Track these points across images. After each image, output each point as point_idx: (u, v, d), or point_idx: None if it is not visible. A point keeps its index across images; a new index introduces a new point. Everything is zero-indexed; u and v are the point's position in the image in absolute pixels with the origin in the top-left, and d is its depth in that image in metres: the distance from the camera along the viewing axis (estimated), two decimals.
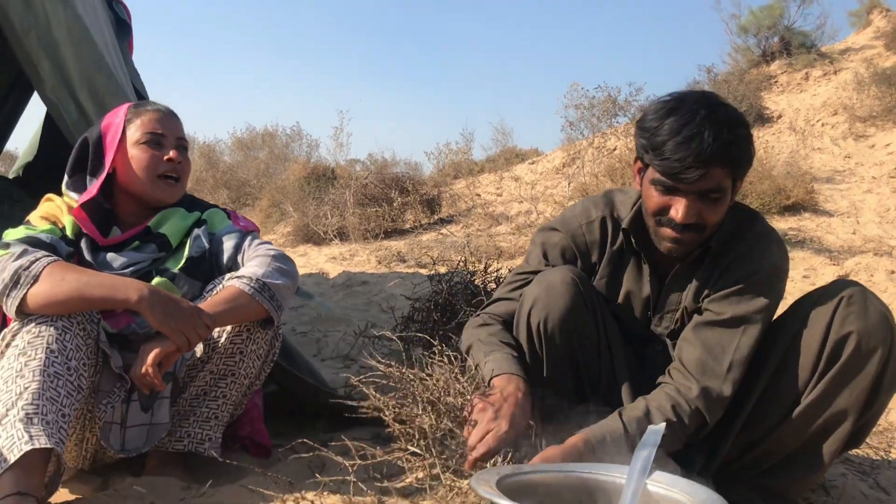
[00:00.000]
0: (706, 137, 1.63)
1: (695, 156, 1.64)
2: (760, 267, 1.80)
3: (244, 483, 1.99)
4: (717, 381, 1.75)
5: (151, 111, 2.12)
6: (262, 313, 1.98)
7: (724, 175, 1.68)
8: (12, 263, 1.83)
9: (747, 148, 1.72)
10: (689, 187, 1.69)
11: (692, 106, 1.68)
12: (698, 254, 1.85)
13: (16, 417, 1.68)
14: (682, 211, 1.71)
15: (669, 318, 1.91)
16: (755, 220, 1.89)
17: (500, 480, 1.16)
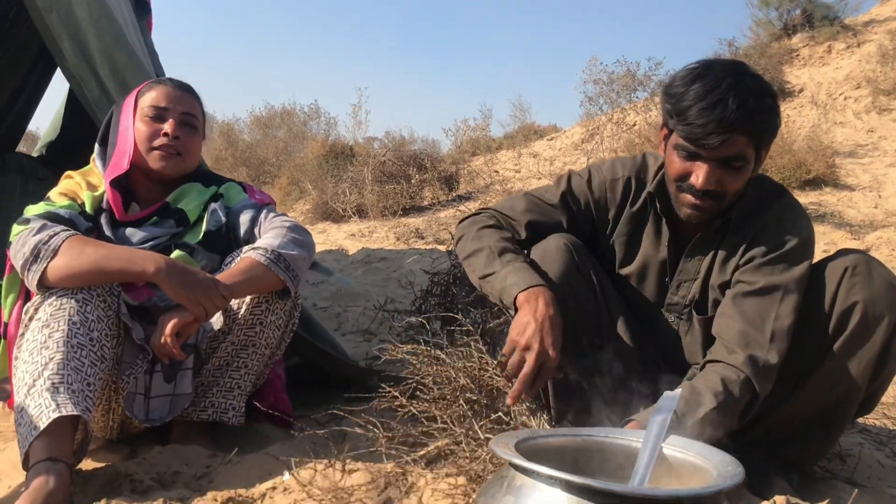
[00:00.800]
0: (730, 104, 1.63)
1: (718, 121, 1.64)
2: (791, 237, 1.79)
3: (268, 451, 2.04)
4: (761, 350, 1.72)
5: (162, 87, 2.15)
6: (279, 284, 2.01)
7: (746, 143, 1.68)
8: (32, 238, 1.87)
9: (772, 118, 1.71)
10: (710, 153, 1.69)
11: (719, 73, 1.68)
12: (719, 224, 1.85)
13: (42, 387, 1.73)
14: (703, 177, 1.71)
15: (686, 288, 1.91)
16: (783, 193, 1.88)
17: (518, 444, 1.18)
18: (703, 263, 1.88)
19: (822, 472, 2.04)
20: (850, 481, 1.94)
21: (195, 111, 2.18)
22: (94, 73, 2.38)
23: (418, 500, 1.83)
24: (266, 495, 1.79)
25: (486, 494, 1.14)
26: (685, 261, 1.91)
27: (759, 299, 1.76)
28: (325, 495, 1.78)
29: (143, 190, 2.17)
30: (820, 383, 1.80)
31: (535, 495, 1.07)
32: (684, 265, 1.91)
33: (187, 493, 1.79)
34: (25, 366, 1.79)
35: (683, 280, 1.91)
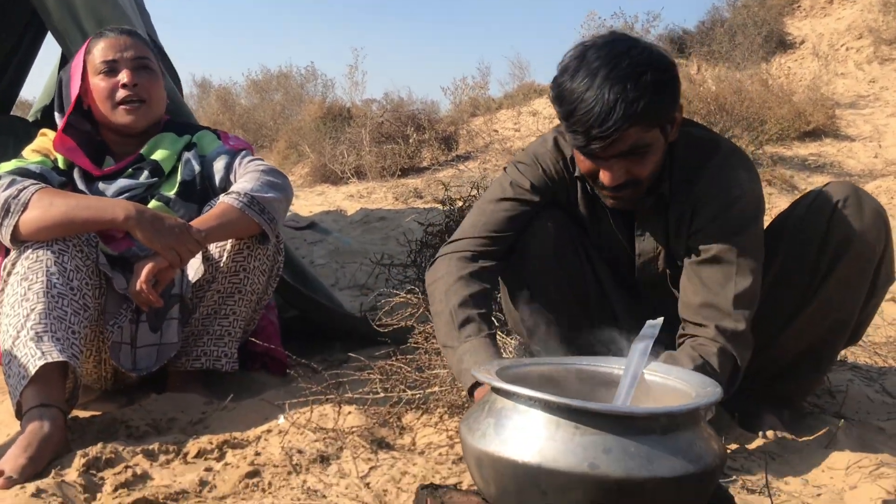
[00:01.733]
0: (607, 101, 1.51)
1: (598, 125, 1.52)
2: (735, 196, 1.71)
3: (264, 397, 2.07)
4: (728, 319, 1.66)
5: (104, 39, 2.13)
6: (255, 227, 2.02)
7: (639, 131, 1.57)
8: (2, 193, 1.88)
9: (660, 91, 1.57)
10: (604, 154, 1.59)
11: (592, 64, 1.55)
12: (655, 199, 1.77)
13: (26, 337, 1.76)
14: (609, 176, 1.63)
15: (653, 268, 1.86)
16: (717, 147, 1.78)
17: (500, 371, 1.20)
18: (658, 238, 1.82)
19: (812, 407, 2.06)
20: (839, 415, 1.95)
21: (146, 53, 2.16)
22: (80, 27, 2.37)
23: (412, 440, 1.86)
24: (261, 438, 1.82)
25: (469, 419, 1.16)
26: (639, 241, 1.85)
27: (716, 268, 1.69)
28: (320, 436, 1.81)
29: (115, 145, 2.17)
30: (812, 316, 1.80)
31: (515, 417, 1.08)
32: (640, 247, 1.85)
33: (183, 438, 1.82)
34: (8, 319, 1.81)
35: (646, 261, 1.86)
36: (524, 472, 1.03)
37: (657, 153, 1.65)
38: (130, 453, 1.71)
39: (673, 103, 1.63)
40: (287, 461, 1.68)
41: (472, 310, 1.73)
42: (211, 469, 1.68)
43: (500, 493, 1.08)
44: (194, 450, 1.75)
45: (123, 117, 2.10)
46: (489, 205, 1.87)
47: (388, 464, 1.69)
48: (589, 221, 1.88)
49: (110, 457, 1.68)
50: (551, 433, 1.03)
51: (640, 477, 0.99)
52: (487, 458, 1.08)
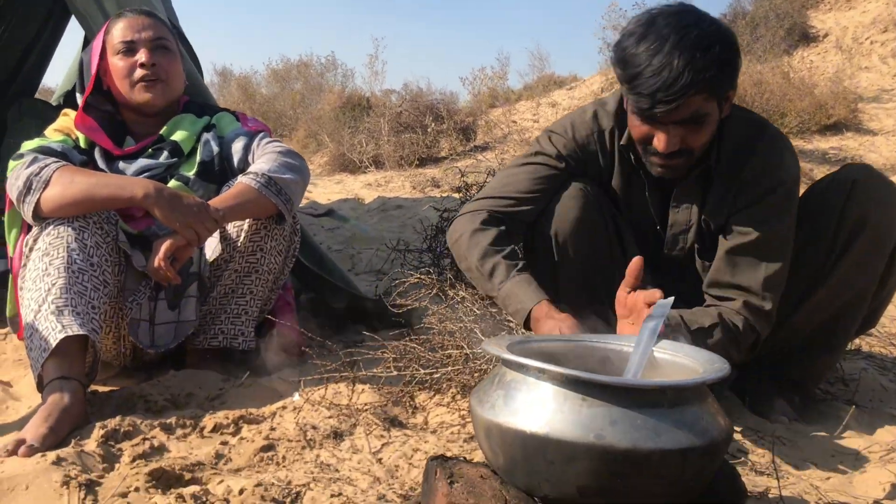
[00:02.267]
0: (676, 66, 1.54)
1: (665, 89, 1.56)
2: (780, 180, 1.74)
3: (280, 375, 2.10)
4: (755, 297, 1.72)
5: (123, 19, 2.16)
6: (271, 208, 2.04)
7: (702, 100, 1.61)
8: (25, 170, 1.92)
9: (725, 66, 1.61)
10: (666, 118, 1.63)
11: (662, 31, 1.58)
12: (699, 172, 1.80)
13: (47, 311, 1.79)
14: (664, 141, 1.66)
15: (683, 240, 1.88)
16: (764, 129, 1.81)
17: (511, 345, 1.21)
18: (693, 212, 1.84)
19: (824, 394, 2.06)
20: (852, 402, 1.95)
21: (164, 34, 2.19)
22: (102, 9, 2.40)
23: (424, 419, 1.88)
24: (276, 414, 1.85)
25: (479, 391, 1.18)
26: (673, 212, 1.87)
27: (752, 250, 1.74)
28: (334, 413, 1.84)
29: (136, 125, 2.20)
30: (826, 295, 1.81)
31: (524, 388, 1.10)
32: (674, 217, 1.87)
33: (199, 413, 1.85)
34: (30, 293, 1.84)
35: (677, 232, 1.88)
36: (532, 441, 1.05)
37: (712, 125, 1.69)
38: (148, 426, 1.74)
39: (733, 79, 1.67)
40: (301, 436, 1.71)
41: (494, 256, 1.80)
42: (226, 443, 1.71)
43: (507, 463, 1.10)
44: (210, 424, 1.79)
45: (141, 95, 2.13)
46: (512, 169, 1.94)
47: (401, 441, 1.71)
48: (622, 193, 1.91)
49: (128, 429, 1.72)
50: (559, 405, 1.05)
51: (645, 448, 1.00)
52: (496, 428, 1.10)
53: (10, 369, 2.24)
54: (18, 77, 4.48)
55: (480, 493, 1.10)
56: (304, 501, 1.41)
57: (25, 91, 4.54)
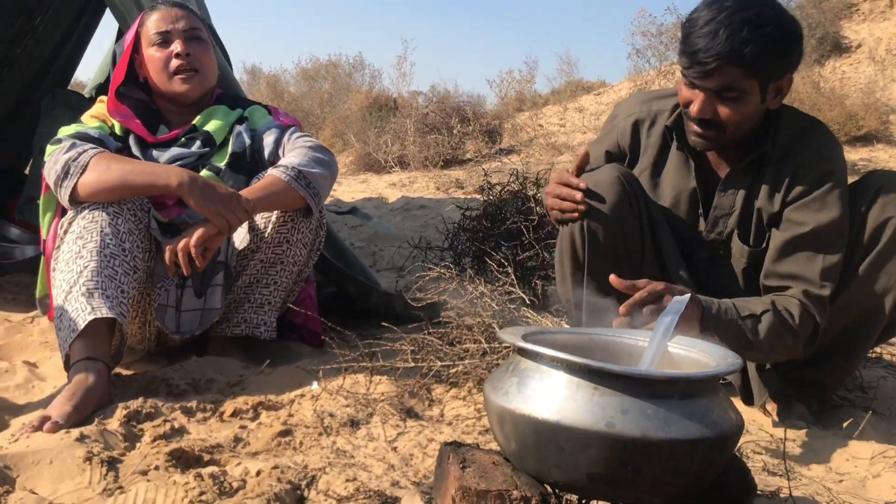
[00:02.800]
0: (720, 34, 1.62)
1: (704, 52, 1.64)
2: (834, 168, 1.77)
3: (299, 364, 2.13)
4: (813, 286, 1.74)
5: (157, 11, 2.21)
6: (300, 201, 2.07)
7: (738, 74, 1.65)
8: (63, 156, 1.96)
9: (771, 48, 1.65)
10: (701, 83, 1.69)
11: (725, 3, 1.66)
12: (754, 158, 1.83)
13: (78, 293, 1.84)
14: (697, 105, 1.72)
15: (723, 223, 1.89)
16: (818, 125, 1.86)
17: (526, 336, 1.23)
18: (738, 197, 1.86)
19: (842, 400, 2.06)
20: (869, 409, 1.95)
21: (197, 24, 2.23)
22: (137, 4, 2.44)
23: (440, 412, 1.90)
24: (294, 401, 1.88)
25: (493, 378, 1.19)
26: (719, 196, 1.89)
27: (810, 241, 1.76)
28: (351, 402, 1.86)
29: (170, 114, 2.25)
30: (847, 300, 1.81)
31: (537, 376, 1.11)
32: (719, 201, 1.89)
33: (220, 398, 1.89)
34: (62, 275, 1.89)
35: (719, 216, 1.90)
36: (544, 428, 1.06)
37: (748, 105, 1.72)
38: (169, 409, 1.78)
39: (781, 65, 1.70)
40: (318, 423, 1.74)
41: None
42: (245, 427, 1.74)
43: (520, 450, 1.12)
44: (230, 409, 1.82)
45: (179, 86, 2.17)
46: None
47: (416, 431, 1.73)
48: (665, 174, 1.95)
49: (150, 411, 1.75)
50: (572, 393, 1.07)
51: (655, 438, 1.01)
52: (509, 415, 1.11)
53: (36, 351, 2.30)
54: (52, 68, 4.57)
55: (491, 477, 1.12)
56: (319, 485, 1.43)
57: (59, 82, 4.62)
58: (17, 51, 4.22)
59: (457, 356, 2.02)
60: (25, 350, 2.30)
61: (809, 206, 1.76)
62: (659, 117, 1.94)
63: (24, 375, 2.05)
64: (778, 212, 1.81)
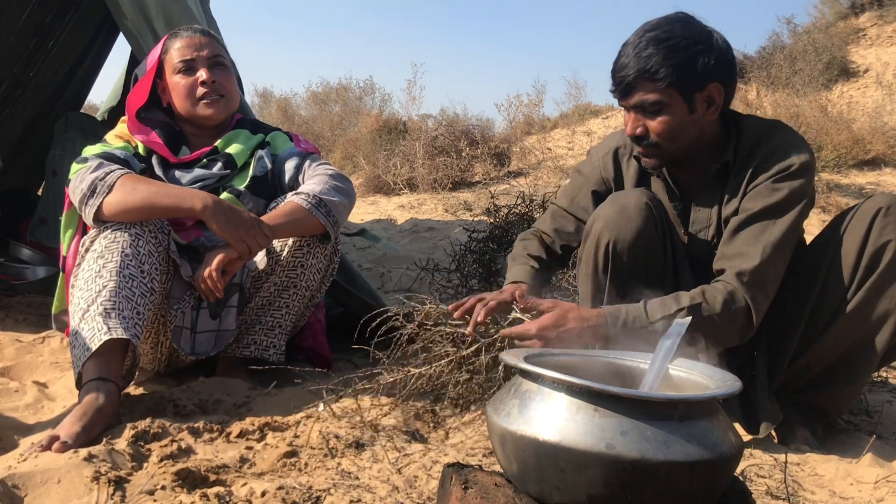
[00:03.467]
0: (630, 54, 1.76)
1: (619, 72, 1.79)
2: (790, 163, 1.80)
3: (305, 387, 2.14)
4: (749, 261, 1.76)
5: (180, 38, 2.24)
6: (319, 227, 2.10)
7: (652, 88, 1.77)
8: (89, 175, 2.00)
9: (675, 59, 1.75)
10: (625, 102, 1.82)
11: (640, 29, 1.80)
12: (716, 169, 1.89)
13: (95, 312, 1.86)
14: (628, 126, 1.85)
15: (703, 235, 1.93)
16: (778, 127, 1.90)
17: (528, 357, 1.25)
18: (713, 210, 1.92)
19: (847, 424, 2.06)
20: (874, 434, 1.94)
21: (220, 51, 2.28)
22: (151, 28, 2.49)
23: (445, 435, 1.91)
24: (300, 422, 1.89)
25: (496, 400, 1.21)
26: (695, 211, 1.95)
27: (756, 223, 1.80)
28: (357, 424, 1.87)
29: (192, 136, 2.28)
30: (848, 323, 1.81)
31: (538, 398, 1.13)
32: (695, 216, 1.95)
33: (226, 418, 1.90)
34: (81, 293, 1.91)
35: (698, 230, 1.94)
36: (544, 449, 1.08)
37: (675, 118, 1.81)
38: (176, 429, 1.79)
39: (694, 74, 1.77)
40: (324, 445, 1.75)
41: (524, 256, 2.10)
42: (251, 448, 1.75)
43: (521, 471, 1.13)
44: (237, 430, 1.83)
45: (205, 111, 2.22)
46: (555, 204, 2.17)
47: (421, 453, 1.74)
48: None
49: (157, 431, 1.77)
50: (572, 414, 1.08)
51: (654, 460, 1.03)
52: (510, 436, 1.13)
53: (46, 371, 2.32)
54: (66, 91, 4.64)
55: (493, 499, 1.13)
56: None
57: (72, 105, 4.70)
58: (30, 73, 4.30)
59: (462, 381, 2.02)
60: (36, 370, 2.33)
61: (760, 193, 1.82)
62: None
63: (33, 395, 2.07)
64: (736, 209, 1.86)
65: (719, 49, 1.79)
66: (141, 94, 2.23)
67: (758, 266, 1.75)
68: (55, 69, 4.43)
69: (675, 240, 1.95)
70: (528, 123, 11.87)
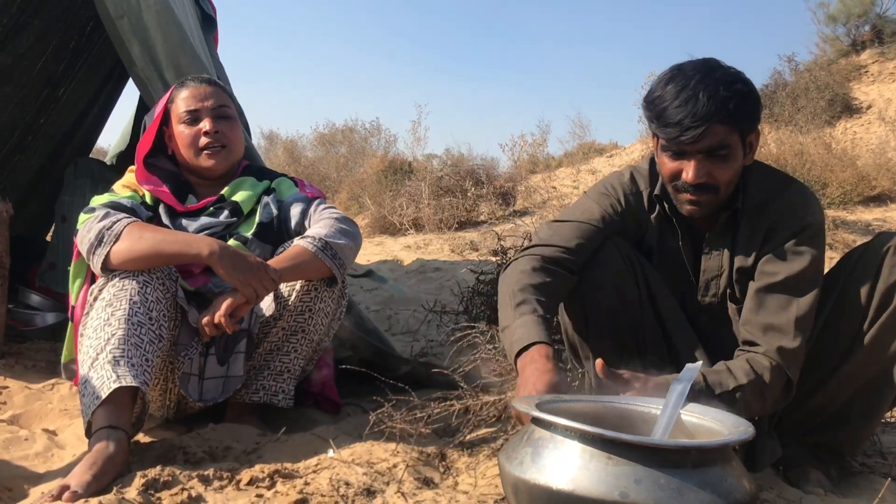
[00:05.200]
0: (701, 97, 1.68)
1: (692, 116, 1.69)
2: (807, 223, 1.80)
3: (315, 432, 2.14)
4: (786, 339, 1.74)
5: (186, 89, 2.28)
6: (326, 271, 2.11)
7: (726, 131, 1.71)
8: (97, 224, 2.02)
9: (747, 101, 1.74)
10: (693, 147, 1.73)
11: (688, 72, 1.74)
12: (727, 217, 1.87)
13: (105, 360, 1.86)
14: (693, 171, 1.75)
15: (715, 285, 1.92)
16: (791, 180, 1.90)
17: (540, 405, 1.24)
18: (724, 257, 1.90)
19: (861, 466, 2.04)
20: (889, 476, 1.93)
21: (226, 101, 2.31)
22: (161, 76, 2.53)
23: (456, 481, 1.90)
24: (311, 469, 1.88)
25: (508, 448, 1.20)
26: (705, 259, 1.93)
27: (781, 291, 1.78)
28: (367, 470, 1.86)
29: (198, 186, 2.31)
30: (861, 362, 1.81)
31: (551, 446, 1.13)
32: (706, 264, 1.93)
33: (236, 465, 1.89)
34: (90, 341, 1.92)
35: (709, 279, 1.93)
36: (558, 498, 1.07)
37: (736, 161, 1.78)
38: (187, 477, 1.78)
39: (755, 118, 1.79)
40: (334, 492, 1.74)
41: (529, 294, 1.81)
42: (262, 496, 1.74)
43: None
44: (247, 477, 1.82)
45: (206, 161, 2.24)
46: (558, 226, 1.98)
47: (432, 499, 1.72)
48: (658, 245, 1.97)
49: (168, 479, 1.76)
50: (585, 462, 1.08)
51: None
52: (524, 484, 1.12)
53: (56, 419, 2.32)
54: (75, 136, 4.70)
55: None
56: None
57: (81, 150, 4.75)
58: (41, 121, 4.35)
59: (474, 426, 2.02)
60: (45, 418, 2.33)
61: (781, 257, 1.80)
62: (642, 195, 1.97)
63: (43, 443, 2.07)
64: (752, 266, 1.85)
65: (758, 92, 1.80)
66: (147, 141, 2.26)
67: (796, 344, 1.74)
68: (65, 116, 4.49)
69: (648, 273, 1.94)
70: (532, 163, 11.96)
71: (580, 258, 1.91)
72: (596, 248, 1.93)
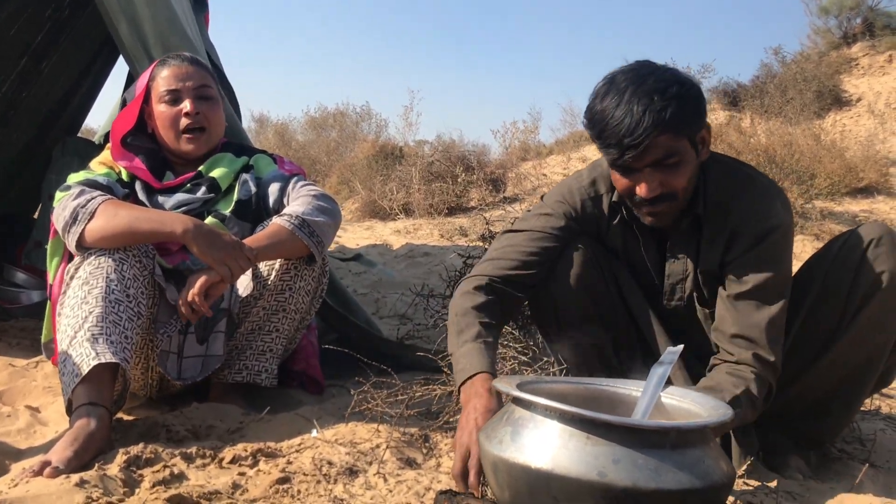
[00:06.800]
0: (635, 111, 1.62)
1: (630, 135, 1.63)
2: (772, 226, 1.77)
3: (298, 412, 2.14)
4: (763, 349, 1.73)
5: (168, 67, 2.24)
6: (303, 249, 2.10)
7: (669, 139, 1.66)
8: (72, 202, 2.00)
9: (685, 105, 1.66)
10: (639, 164, 1.68)
11: (621, 84, 1.67)
12: (690, 221, 1.84)
13: (83, 338, 1.86)
14: (645, 187, 1.71)
15: (680, 289, 1.91)
16: (752, 180, 1.84)
17: (521, 385, 1.25)
18: (688, 262, 1.88)
19: (840, 452, 2.06)
20: (867, 462, 1.94)
21: (207, 82, 2.27)
22: (148, 54, 2.51)
23: (438, 462, 1.91)
24: (294, 448, 1.89)
25: (488, 428, 1.21)
26: (670, 263, 1.91)
27: (752, 299, 1.75)
28: (350, 450, 1.87)
29: (176, 165, 2.29)
30: (841, 353, 1.82)
31: (531, 425, 1.13)
32: (670, 268, 1.91)
33: (219, 444, 1.90)
34: (67, 320, 1.91)
35: (675, 283, 1.91)
36: (536, 477, 1.08)
37: (689, 165, 1.73)
38: (169, 455, 1.79)
39: (699, 117, 1.73)
40: (317, 471, 1.74)
41: (472, 318, 1.80)
42: (244, 474, 1.75)
43: (513, 498, 1.13)
44: (229, 456, 1.82)
45: (186, 145, 2.22)
46: (511, 234, 1.96)
47: (414, 479, 1.74)
48: (621, 250, 1.95)
49: (150, 456, 1.76)
50: (564, 442, 1.08)
51: (646, 488, 1.03)
52: (503, 463, 1.13)
53: (39, 396, 2.31)
54: (63, 115, 4.65)
55: None
56: None
57: (69, 129, 4.71)
58: (24, 94, 4.29)
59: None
60: (28, 395, 2.32)
61: (748, 264, 1.77)
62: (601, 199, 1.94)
63: (26, 420, 2.06)
64: (718, 271, 1.83)
65: (699, 87, 1.75)
66: (128, 119, 2.23)
67: (772, 352, 1.73)
68: (50, 91, 4.43)
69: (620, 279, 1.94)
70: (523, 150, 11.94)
71: (534, 270, 1.90)
72: (554, 257, 1.90)
